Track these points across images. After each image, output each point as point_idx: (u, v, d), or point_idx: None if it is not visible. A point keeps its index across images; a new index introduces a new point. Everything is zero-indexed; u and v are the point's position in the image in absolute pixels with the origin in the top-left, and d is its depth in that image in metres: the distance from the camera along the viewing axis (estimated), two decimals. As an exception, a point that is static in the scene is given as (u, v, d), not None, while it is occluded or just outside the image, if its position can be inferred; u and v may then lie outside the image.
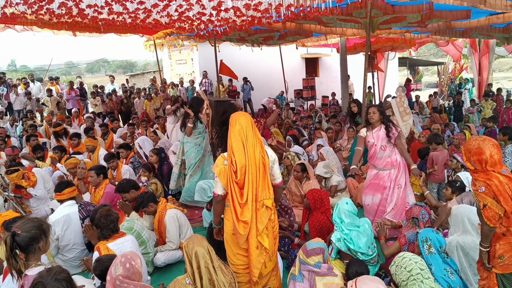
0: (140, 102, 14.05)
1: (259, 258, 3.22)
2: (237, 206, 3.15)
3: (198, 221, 5.88)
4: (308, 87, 17.96)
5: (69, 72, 48.21)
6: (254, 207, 3.18)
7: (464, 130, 8.64)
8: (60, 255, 4.50)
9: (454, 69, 21.42)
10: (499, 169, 2.91)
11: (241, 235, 3.16)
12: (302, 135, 9.50)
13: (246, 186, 3.16)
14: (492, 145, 2.92)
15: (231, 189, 3.16)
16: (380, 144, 5.00)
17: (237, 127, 3.20)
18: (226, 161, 3.18)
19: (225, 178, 3.16)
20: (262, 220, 3.21)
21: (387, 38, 12.50)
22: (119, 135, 9.74)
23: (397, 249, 3.79)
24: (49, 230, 2.79)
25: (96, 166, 5.68)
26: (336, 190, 6.18)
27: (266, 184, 3.26)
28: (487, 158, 2.89)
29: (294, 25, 9.78)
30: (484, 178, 2.90)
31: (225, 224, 3.35)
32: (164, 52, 19.68)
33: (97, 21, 7.49)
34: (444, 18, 8.03)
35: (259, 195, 3.21)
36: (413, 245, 3.70)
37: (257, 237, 3.19)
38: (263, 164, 3.23)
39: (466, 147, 3.04)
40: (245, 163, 3.16)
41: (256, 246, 3.20)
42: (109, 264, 2.87)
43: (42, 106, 14.30)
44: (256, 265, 3.20)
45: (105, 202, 5.02)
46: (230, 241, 3.32)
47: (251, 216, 3.15)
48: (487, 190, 2.87)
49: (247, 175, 3.16)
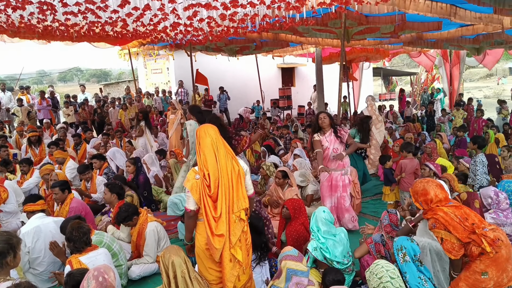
0: (114, 111, 13.84)
1: (233, 271, 3.16)
2: (211, 220, 3.08)
3: (173, 232, 5.80)
4: (284, 97, 18.09)
5: (40, 81, 47.21)
6: (227, 220, 3.12)
7: (435, 139, 8.86)
8: (31, 269, 4.35)
9: (427, 79, 22.01)
10: (444, 204, 3.18)
11: (216, 249, 3.08)
12: (278, 145, 9.53)
13: (220, 199, 3.10)
14: (436, 186, 3.24)
15: (205, 203, 3.09)
16: (333, 147, 5.37)
17: (208, 140, 3.14)
18: (198, 175, 3.11)
19: (198, 192, 3.09)
20: (235, 233, 3.16)
21: (361, 48, 12.75)
22: (93, 146, 9.55)
23: (365, 250, 3.91)
24: (19, 245, 2.69)
25: (59, 182, 5.39)
26: (312, 199, 6.19)
27: (240, 195, 3.22)
28: (432, 198, 3.21)
29: (270, 35, 9.87)
30: (431, 215, 3.17)
31: (197, 238, 3.27)
32: (139, 61, 19.52)
33: (69, 29, 7.36)
34: (416, 29, 8.26)
35: (235, 207, 3.16)
36: (379, 245, 3.83)
37: (230, 250, 3.13)
38: (237, 175, 3.19)
39: (413, 189, 3.35)
40: (218, 175, 3.10)
41: (229, 259, 3.13)
42: (81, 278, 2.78)
43: (12, 116, 13.89)
44: (230, 279, 3.14)
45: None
46: (202, 256, 3.25)
47: (225, 229, 3.10)
48: (437, 224, 3.12)
49: (220, 188, 3.10)
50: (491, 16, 7.07)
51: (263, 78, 16.31)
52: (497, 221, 4.34)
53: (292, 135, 10.92)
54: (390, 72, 27.89)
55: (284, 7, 5.92)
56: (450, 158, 7.95)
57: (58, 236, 4.36)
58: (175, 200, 5.12)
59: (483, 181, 6.03)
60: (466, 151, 7.87)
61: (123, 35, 8.42)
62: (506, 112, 12.86)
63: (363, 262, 3.91)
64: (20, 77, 23.45)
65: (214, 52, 13.68)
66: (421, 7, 6.22)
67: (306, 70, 21.21)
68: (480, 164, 6.11)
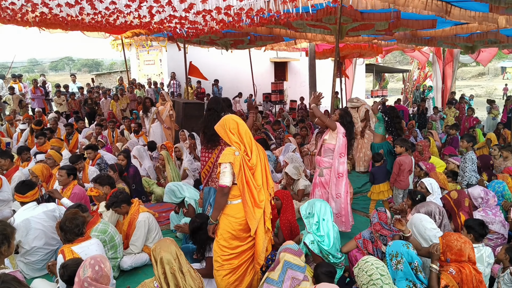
0: (106, 102, 13.75)
1: (264, 243, 3.45)
2: (254, 190, 3.35)
3: (165, 224, 5.82)
4: (277, 91, 18.10)
5: (32, 69, 46.66)
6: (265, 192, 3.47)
7: (428, 136, 8.94)
8: (22, 258, 4.33)
9: (419, 77, 22.14)
10: (472, 265, 3.22)
11: (255, 220, 3.36)
12: (270, 139, 9.56)
13: (258, 172, 3.43)
14: (471, 249, 3.25)
15: (246, 176, 3.34)
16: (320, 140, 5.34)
17: (241, 123, 3.44)
18: (237, 152, 3.33)
19: (238, 166, 3.30)
20: (268, 206, 3.51)
21: (355, 44, 12.79)
22: (84, 136, 9.51)
23: (353, 245, 3.98)
24: (13, 235, 2.71)
25: (68, 165, 5.50)
26: (303, 194, 6.25)
27: (269, 172, 3.61)
28: (465, 260, 3.22)
29: (264, 29, 9.85)
30: (457, 265, 3.19)
31: (227, 220, 3.45)
32: (132, 52, 19.38)
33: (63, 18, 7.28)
34: (410, 26, 8.30)
35: (270, 182, 3.56)
36: (367, 242, 3.89)
37: (265, 223, 3.46)
38: (264, 154, 3.57)
39: (447, 243, 3.28)
40: (257, 152, 3.45)
41: (264, 231, 3.45)
42: (76, 269, 2.82)
43: (4, 104, 13.74)
44: (263, 250, 3.44)
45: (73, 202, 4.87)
46: (227, 236, 3.45)
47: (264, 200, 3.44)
48: (457, 274, 3.14)
49: (258, 164, 3.43)
50: (486, 15, 7.12)
51: (255, 72, 16.29)
52: (486, 218, 4.42)
53: (284, 129, 10.95)
54: (382, 69, 28.00)
55: (281, 1, 5.91)
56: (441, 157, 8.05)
57: (49, 227, 4.36)
58: (173, 187, 5.15)
59: (471, 178, 6.10)
60: (455, 150, 7.95)
61: (118, 25, 8.36)
62: (496, 112, 13.01)
63: (351, 258, 3.97)
64: (11, 65, 23.17)
65: (208, 45, 13.62)
66: (416, 3, 6.23)
67: (299, 65, 21.22)
68: (470, 161, 6.19)
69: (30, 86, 15.05)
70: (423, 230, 3.79)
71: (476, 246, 3.57)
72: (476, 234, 3.69)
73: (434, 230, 3.80)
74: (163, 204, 6.50)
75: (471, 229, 3.70)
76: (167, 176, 7.18)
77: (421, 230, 3.80)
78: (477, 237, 3.69)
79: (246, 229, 3.43)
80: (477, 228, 3.69)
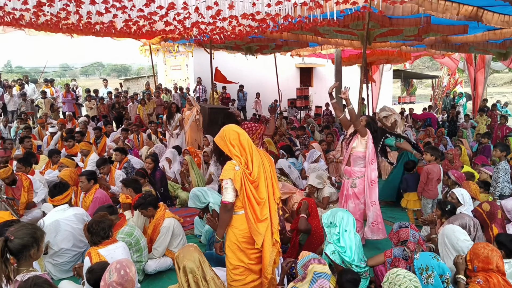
0: (133, 106, 14.00)
1: (271, 255, 3.33)
2: (255, 206, 3.26)
3: (189, 228, 5.84)
4: (302, 97, 18.02)
5: (63, 74, 48.02)
6: (269, 205, 3.36)
7: (459, 145, 8.69)
8: (51, 259, 4.43)
9: (449, 83, 21.63)
10: (500, 275, 3.12)
11: (260, 235, 3.26)
12: (295, 145, 9.50)
13: (261, 185, 3.31)
14: (499, 257, 3.15)
15: (247, 190, 3.24)
16: (346, 145, 5.15)
17: (242, 133, 3.36)
18: (238, 166, 3.24)
19: (239, 181, 3.22)
20: (275, 217, 3.39)
21: (382, 50, 12.60)
22: (112, 139, 9.69)
23: (381, 260, 3.80)
24: (42, 238, 2.76)
25: (87, 171, 5.61)
26: (328, 201, 6.16)
27: (275, 182, 3.49)
28: (492, 268, 3.11)
29: (290, 35, 9.83)
30: (485, 275, 3.09)
31: (232, 232, 3.37)
32: (159, 57, 19.69)
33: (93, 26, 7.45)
34: (441, 32, 8.11)
35: (276, 192, 3.44)
36: (398, 259, 3.68)
37: (272, 235, 3.34)
38: (269, 162, 3.47)
39: (474, 252, 3.20)
40: (259, 163, 3.33)
41: (271, 243, 3.33)
42: (102, 273, 2.86)
43: (36, 108, 14.19)
44: (270, 263, 3.32)
45: (95, 207, 4.95)
46: (234, 248, 3.36)
47: (268, 213, 3.32)
48: (484, 284, 3.04)
49: (260, 174, 3.32)
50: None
51: (281, 78, 16.26)
52: (519, 232, 4.24)
53: (309, 135, 10.87)
54: (410, 75, 27.48)
55: (308, 7, 5.87)
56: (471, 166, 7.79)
57: (78, 229, 4.44)
58: (198, 193, 5.16)
59: (504, 189, 5.90)
60: (487, 159, 7.70)
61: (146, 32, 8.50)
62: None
63: (377, 271, 3.85)
64: (44, 70, 23.93)
65: (234, 50, 13.70)
66: (446, 9, 6.07)
67: (325, 71, 21.08)
68: (503, 171, 5.98)
69: (61, 90, 15.49)
70: (456, 241, 3.66)
71: (507, 262, 3.43)
72: (507, 250, 3.54)
73: (467, 241, 3.66)
74: (187, 209, 6.53)
75: (502, 245, 3.54)
76: (191, 181, 7.22)
77: (453, 241, 3.67)
78: (508, 254, 3.55)
79: (250, 241, 3.33)
80: (508, 245, 3.54)
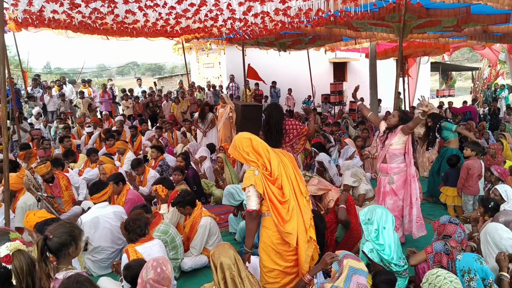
0: (167, 105, 14.22)
1: (308, 252, 3.27)
2: (280, 208, 3.21)
3: (224, 226, 5.86)
4: (336, 92, 17.75)
5: (100, 74, 49.39)
6: (297, 203, 3.30)
7: (501, 139, 8.32)
8: (90, 256, 4.55)
9: (490, 75, 20.74)
10: None
11: (290, 234, 3.20)
12: (329, 141, 9.36)
13: (284, 184, 3.26)
14: None
15: (269, 193, 3.21)
16: (381, 142, 4.99)
17: (254, 137, 3.35)
18: (257, 171, 3.23)
19: (261, 186, 3.20)
20: (307, 213, 3.33)
21: (419, 43, 12.21)
22: (147, 138, 9.87)
23: (423, 258, 3.70)
24: (80, 236, 2.82)
25: (112, 175, 5.55)
26: (364, 199, 6.03)
27: (300, 177, 3.45)
28: None
29: (323, 30, 9.66)
30: None
31: (266, 233, 3.34)
32: (192, 56, 19.89)
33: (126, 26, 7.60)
34: (481, 22, 7.76)
35: (302, 188, 3.38)
36: (440, 254, 3.59)
37: (306, 232, 3.28)
38: (289, 159, 3.45)
39: None
40: (277, 161, 3.30)
41: (305, 240, 3.27)
42: (139, 270, 2.90)
43: (74, 108, 14.67)
44: (306, 260, 3.26)
45: (129, 209, 4.99)
46: (269, 251, 3.32)
47: (296, 211, 3.26)
48: None
49: (282, 173, 3.27)
50: None
51: (314, 73, 16.07)
52: None
53: (344, 131, 10.69)
54: (449, 67, 26.50)
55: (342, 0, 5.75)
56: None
57: (116, 226, 4.54)
58: (232, 190, 5.18)
59: (551, 185, 5.59)
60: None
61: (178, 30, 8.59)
62: None
63: (419, 270, 3.73)
64: (82, 71, 24.73)
65: (266, 46, 13.64)
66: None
67: (359, 65, 20.66)
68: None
69: (98, 90, 15.93)
70: (499, 240, 3.50)
71: None
72: None
73: (511, 240, 3.50)
74: (222, 206, 6.57)
75: None
76: (226, 178, 7.24)
77: (496, 239, 3.52)
78: None
79: (286, 242, 3.28)
80: None
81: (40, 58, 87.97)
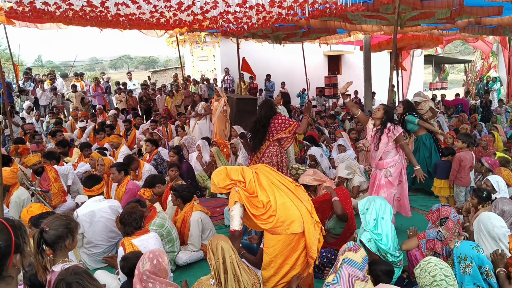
0: (161, 98, 14.15)
1: (315, 234, 3.33)
2: (261, 212, 3.31)
3: (219, 219, 5.86)
4: (330, 85, 17.78)
5: (93, 68, 48.97)
6: (289, 190, 3.45)
7: (492, 131, 8.39)
8: (85, 250, 4.54)
9: (482, 67, 20.85)
10: None
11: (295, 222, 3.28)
12: (323, 134, 9.38)
13: (262, 188, 3.41)
14: None
15: (249, 203, 3.34)
16: (374, 144, 5.00)
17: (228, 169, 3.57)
18: (237, 187, 3.38)
19: (244, 197, 3.34)
20: (304, 198, 3.46)
21: (413, 35, 12.23)
22: (141, 131, 9.84)
23: (415, 244, 3.78)
24: (77, 229, 2.82)
25: (117, 163, 5.70)
26: (358, 191, 6.08)
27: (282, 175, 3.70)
28: None
29: (318, 22, 9.64)
30: None
31: (267, 237, 3.39)
32: (186, 49, 19.77)
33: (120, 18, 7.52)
34: (474, 14, 7.79)
35: (285, 181, 3.54)
36: (433, 241, 3.67)
37: (311, 215, 3.36)
38: (267, 167, 3.66)
39: None
40: (251, 173, 3.47)
41: (313, 222, 3.35)
42: (136, 261, 2.91)
43: (67, 101, 14.55)
44: (314, 242, 3.32)
45: (128, 198, 5.05)
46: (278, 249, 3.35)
47: (292, 198, 3.39)
48: None
49: (255, 181, 3.43)
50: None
51: (308, 66, 16.08)
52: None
53: (339, 124, 10.71)
54: (442, 60, 26.59)
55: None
56: (505, 152, 7.55)
57: (111, 220, 4.53)
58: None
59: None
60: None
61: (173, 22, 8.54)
62: None
63: (411, 257, 3.79)
64: (74, 64, 24.50)
65: (261, 39, 13.60)
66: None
67: (353, 58, 20.68)
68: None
69: (91, 84, 15.81)
70: (492, 228, 3.54)
71: None
72: None
73: (503, 228, 3.55)
74: (217, 199, 6.58)
75: None
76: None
77: (489, 228, 3.56)
78: None
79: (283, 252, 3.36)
80: None
81: (32, 51, 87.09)
